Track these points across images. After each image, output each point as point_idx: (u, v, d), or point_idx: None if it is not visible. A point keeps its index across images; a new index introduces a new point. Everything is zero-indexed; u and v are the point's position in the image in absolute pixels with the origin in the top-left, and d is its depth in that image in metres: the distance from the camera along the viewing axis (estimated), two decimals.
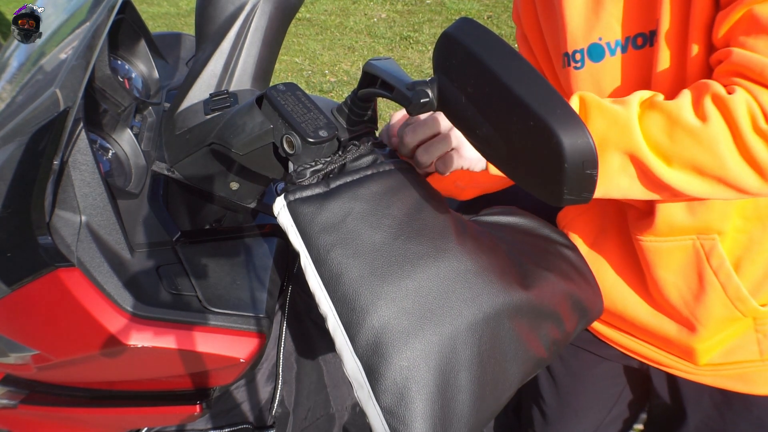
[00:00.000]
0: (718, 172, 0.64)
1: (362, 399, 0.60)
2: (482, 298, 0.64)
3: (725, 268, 0.79)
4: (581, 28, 0.79)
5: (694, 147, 0.64)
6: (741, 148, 0.63)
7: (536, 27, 0.92)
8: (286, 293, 0.98)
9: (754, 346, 0.84)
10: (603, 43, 0.78)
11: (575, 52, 0.81)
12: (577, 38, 0.80)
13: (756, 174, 0.63)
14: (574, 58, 0.81)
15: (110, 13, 0.81)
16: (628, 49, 0.77)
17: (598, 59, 0.79)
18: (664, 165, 0.65)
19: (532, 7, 0.92)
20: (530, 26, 0.93)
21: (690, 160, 0.64)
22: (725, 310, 0.81)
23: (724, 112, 0.63)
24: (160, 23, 4.61)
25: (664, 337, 0.89)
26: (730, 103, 0.63)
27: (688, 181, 0.65)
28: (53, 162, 0.72)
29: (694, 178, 0.65)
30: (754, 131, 0.62)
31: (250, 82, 0.86)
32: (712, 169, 0.64)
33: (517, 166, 0.55)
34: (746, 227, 0.79)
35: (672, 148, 0.65)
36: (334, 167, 0.67)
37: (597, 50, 0.79)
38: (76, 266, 0.74)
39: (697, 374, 0.90)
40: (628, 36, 0.76)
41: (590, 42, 0.79)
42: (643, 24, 0.75)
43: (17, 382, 0.90)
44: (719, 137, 0.63)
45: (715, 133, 0.63)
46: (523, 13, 0.94)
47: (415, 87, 0.58)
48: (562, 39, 0.82)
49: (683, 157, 0.64)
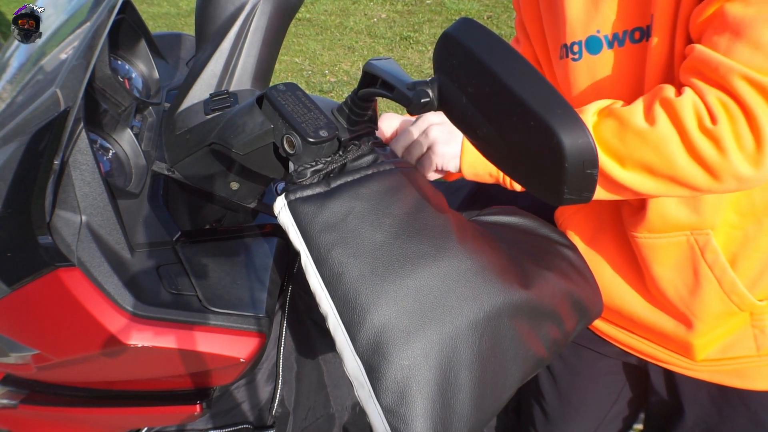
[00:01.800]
0: (668, 171, 0.67)
1: (363, 398, 0.61)
2: (483, 297, 0.64)
3: (720, 262, 0.80)
4: (581, 20, 0.80)
5: (644, 149, 0.67)
6: (688, 148, 0.65)
7: (536, 16, 0.92)
8: (287, 293, 0.98)
9: (750, 341, 0.85)
10: (601, 36, 0.79)
11: (573, 44, 0.82)
12: (576, 30, 0.81)
13: (705, 172, 0.66)
14: (572, 49, 0.82)
15: (110, 13, 0.81)
16: (625, 42, 0.77)
17: (596, 51, 0.80)
18: (618, 166, 0.69)
19: None
20: (530, 15, 0.94)
21: (641, 161, 0.68)
22: (721, 305, 0.82)
23: (671, 114, 0.66)
24: (160, 23, 4.61)
25: (661, 333, 0.89)
26: (677, 105, 0.65)
27: (641, 181, 0.69)
28: (53, 162, 0.72)
29: (646, 178, 0.68)
30: (700, 131, 0.64)
31: (250, 82, 0.86)
32: (662, 168, 0.67)
33: (517, 165, 0.55)
34: (741, 223, 0.79)
35: (623, 150, 0.68)
36: (334, 167, 0.67)
37: (595, 43, 0.80)
38: (76, 266, 0.74)
39: (694, 370, 0.90)
40: (626, 30, 0.77)
41: (589, 34, 0.80)
42: (640, 18, 0.76)
43: (17, 382, 0.90)
44: (667, 138, 0.66)
45: (662, 135, 0.66)
46: (523, 3, 0.94)
47: (415, 87, 0.58)
48: (561, 30, 0.83)
49: (634, 158, 0.68)
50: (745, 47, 0.63)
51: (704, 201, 0.78)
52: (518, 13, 0.98)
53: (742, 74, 0.63)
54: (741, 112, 0.63)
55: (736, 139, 0.64)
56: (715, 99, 0.65)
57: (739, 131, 0.63)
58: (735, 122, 0.64)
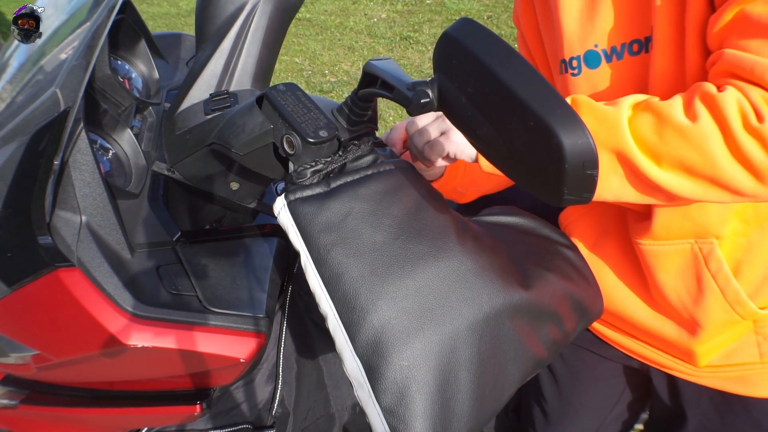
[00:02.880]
0: (709, 172, 0.62)
1: (362, 398, 0.61)
2: (482, 297, 0.64)
3: (723, 272, 0.79)
4: (577, 35, 0.79)
5: (684, 146, 0.62)
6: (732, 147, 0.61)
7: (536, 31, 0.92)
8: (286, 293, 0.98)
9: (754, 348, 0.84)
10: (599, 50, 0.78)
11: (572, 59, 0.81)
12: (573, 45, 0.80)
13: (749, 174, 0.61)
14: (571, 64, 0.82)
15: (110, 14, 0.81)
16: (624, 55, 0.77)
17: (595, 66, 0.79)
18: (653, 165, 0.64)
19: (532, 12, 0.92)
20: (530, 30, 0.93)
21: (679, 160, 0.63)
22: (724, 314, 0.81)
23: (713, 110, 0.62)
24: (160, 23, 4.61)
25: (664, 339, 0.89)
26: (720, 101, 0.61)
27: (678, 182, 0.64)
28: (53, 162, 0.72)
29: (684, 178, 0.64)
30: (745, 129, 0.60)
31: (250, 82, 0.86)
32: (703, 168, 0.62)
33: (517, 166, 0.55)
34: (746, 231, 0.78)
35: (661, 147, 0.63)
36: (334, 167, 0.67)
37: (593, 57, 0.79)
38: (76, 266, 0.74)
39: (697, 376, 0.90)
40: (624, 42, 0.76)
41: (586, 49, 0.79)
42: (638, 30, 0.75)
43: (17, 382, 0.90)
44: (709, 136, 0.61)
45: (704, 132, 0.61)
46: (522, 17, 0.94)
47: (415, 87, 0.58)
48: (559, 45, 0.83)
49: (672, 156, 0.63)
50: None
51: (709, 209, 0.77)
52: (519, 28, 0.97)
53: None
54: None
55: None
56: (759, 96, 0.61)
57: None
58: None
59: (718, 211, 0.77)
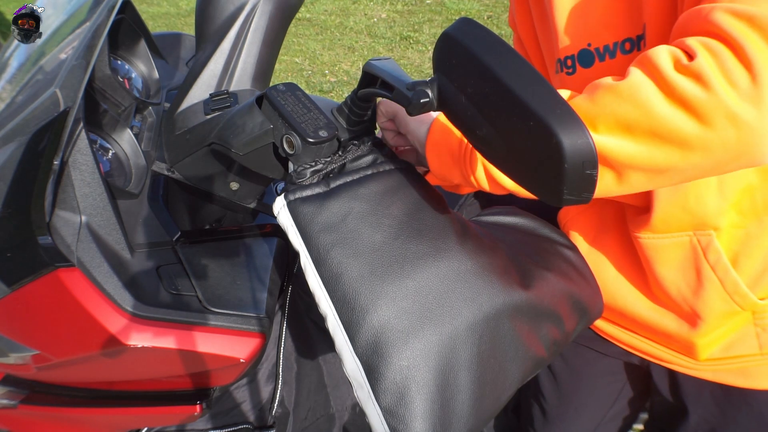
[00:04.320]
0: (646, 123, 0.58)
1: (362, 399, 0.61)
2: (482, 297, 0.64)
3: (722, 263, 0.80)
4: (571, 34, 0.80)
5: (615, 101, 0.59)
6: (665, 90, 0.58)
7: (532, 33, 0.92)
8: (286, 293, 0.98)
9: (753, 340, 0.85)
10: (592, 49, 0.78)
11: (567, 58, 0.81)
12: (567, 44, 0.80)
13: (690, 116, 0.57)
14: (566, 64, 0.82)
15: (110, 13, 0.81)
16: (617, 54, 0.77)
17: (589, 65, 0.79)
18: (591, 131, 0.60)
19: (528, 13, 0.92)
20: (526, 32, 0.94)
21: (614, 117, 0.60)
22: (724, 305, 0.82)
23: (643, 63, 0.60)
24: (160, 23, 4.61)
25: (664, 333, 0.89)
26: (651, 53, 0.59)
27: (619, 144, 0.60)
28: (53, 162, 0.72)
29: (624, 139, 0.60)
30: (677, 70, 0.57)
31: (250, 82, 0.86)
32: (640, 121, 0.59)
33: (516, 166, 0.55)
34: (743, 222, 0.79)
35: (594, 110, 0.60)
36: (334, 167, 0.67)
37: (587, 56, 0.79)
38: (76, 266, 0.74)
39: (697, 369, 0.90)
40: (616, 41, 0.76)
41: (580, 48, 0.79)
42: (630, 29, 0.75)
43: (17, 382, 0.90)
44: (640, 85, 0.58)
45: (635, 83, 0.59)
46: (518, 19, 0.94)
47: (415, 87, 0.58)
48: (554, 45, 0.83)
49: (606, 114, 0.60)
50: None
51: (707, 201, 0.77)
52: (515, 31, 0.97)
53: (726, 9, 0.57)
54: (725, 47, 0.57)
55: (722, 73, 0.56)
56: (693, 41, 0.58)
57: (725, 65, 0.56)
58: (717, 56, 0.57)
59: (716, 203, 0.77)
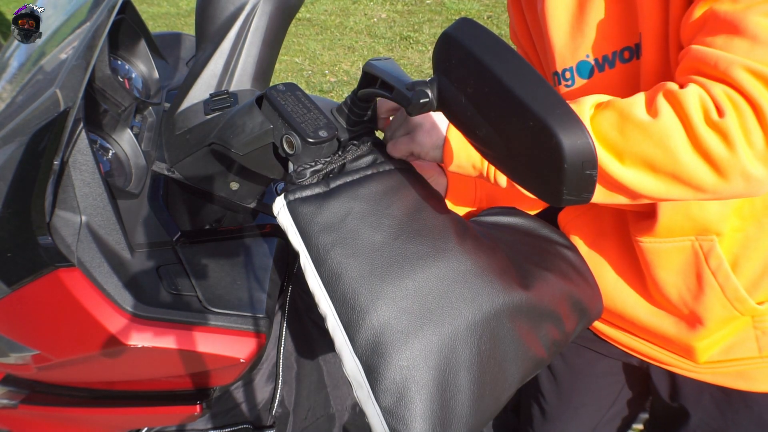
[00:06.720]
0: (671, 167, 0.62)
1: (362, 399, 0.61)
2: (482, 298, 0.64)
3: (723, 268, 0.79)
4: (568, 47, 0.80)
5: (645, 142, 0.62)
6: (693, 142, 0.61)
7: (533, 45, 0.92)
8: (286, 293, 0.98)
9: (752, 343, 0.85)
10: (591, 60, 0.78)
11: (565, 71, 0.81)
12: (565, 57, 0.80)
13: (710, 169, 0.61)
14: (564, 76, 0.82)
15: (110, 14, 0.81)
16: (616, 63, 0.77)
17: (588, 76, 0.79)
18: (616, 162, 0.64)
19: (526, 27, 0.92)
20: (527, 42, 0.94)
21: (642, 156, 0.63)
22: (724, 310, 0.82)
23: (675, 105, 0.62)
24: (160, 23, 4.61)
25: (663, 336, 0.89)
26: (682, 97, 0.62)
27: (641, 179, 0.64)
28: (53, 162, 0.72)
29: (647, 175, 0.64)
30: (707, 124, 0.60)
31: (250, 82, 0.86)
32: (665, 164, 0.62)
33: (516, 166, 0.55)
34: (742, 226, 0.79)
35: (623, 144, 0.63)
36: (333, 167, 0.67)
37: (586, 67, 0.79)
38: (76, 266, 0.74)
39: (697, 372, 0.90)
40: (615, 51, 0.76)
41: (578, 60, 0.79)
42: (627, 38, 0.75)
43: (17, 382, 0.90)
44: (671, 131, 0.61)
45: (666, 127, 0.61)
46: (519, 32, 0.95)
47: (414, 87, 0.58)
48: (550, 58, 0.83)
49: (635, 152, 0.63)
50: (743, 41, 0.61)
51: (709, 206, 0.77)
52: (517, 44, 0.98)
53: (744, 66, 0.60)
54: (748, 105, 0.60)
55: (744, 134, 0.60)
56: (720, 92, 0.61)
57: (747, 126, 0.60)
58: (742, 116, 0.60)
59: (719, 209, 0.77)
